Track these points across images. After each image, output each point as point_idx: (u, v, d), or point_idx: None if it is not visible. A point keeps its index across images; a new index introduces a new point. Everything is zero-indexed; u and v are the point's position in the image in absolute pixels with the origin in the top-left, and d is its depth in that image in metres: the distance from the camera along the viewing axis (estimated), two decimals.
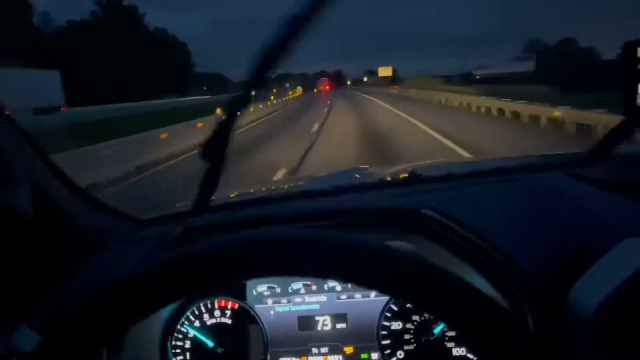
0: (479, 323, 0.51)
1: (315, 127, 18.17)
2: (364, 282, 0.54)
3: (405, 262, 0.53)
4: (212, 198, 0.95)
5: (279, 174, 8.68)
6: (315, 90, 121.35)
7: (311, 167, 9.37)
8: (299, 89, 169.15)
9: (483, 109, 20.96)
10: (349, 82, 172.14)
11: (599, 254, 0.73)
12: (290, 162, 9.75)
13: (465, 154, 10.01)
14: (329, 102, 41.52)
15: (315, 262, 0.54)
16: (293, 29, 0.73)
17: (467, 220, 1.02)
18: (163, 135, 12.88)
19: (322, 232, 0.56)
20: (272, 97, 42.70)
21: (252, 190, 1.87)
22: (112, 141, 10.81)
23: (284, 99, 48.94)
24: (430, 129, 14.99)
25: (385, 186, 1.42)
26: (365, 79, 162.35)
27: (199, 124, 14.96)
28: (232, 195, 1.71)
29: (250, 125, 20.54)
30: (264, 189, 1.77)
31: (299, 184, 2.10)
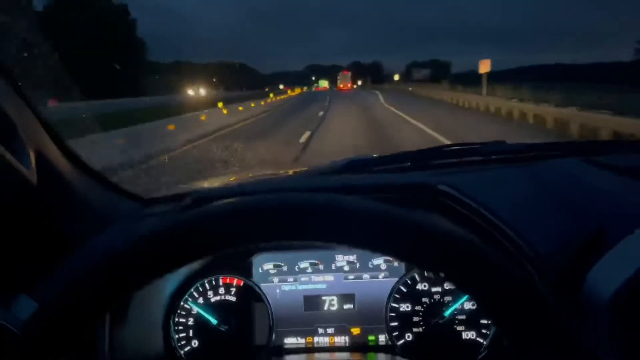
0: (502, 291, 0.49)
1: None
2: (383, 248, 0.52)
3: (431, 230, 0.51)
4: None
5: None
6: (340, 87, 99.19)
7: None
8: (323, 83, 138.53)
9: None
10: (397, 78, 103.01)
11: (616, 239, 0.71)
12: None
13: None
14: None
15: (333, 225, 0.51)
16: None
17: (483, 200, 1.00)
18: None
19: (338, 197, 0.53)
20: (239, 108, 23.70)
21: (262, 173, 1.85)
22: None
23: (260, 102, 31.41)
24: None
25: (397, 170, 1.40)
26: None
27: None
28: (249, 175, 1.69)
29: None
30: (279, 172, 1.75)
31: (311, 167, 2.06)
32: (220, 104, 20.90)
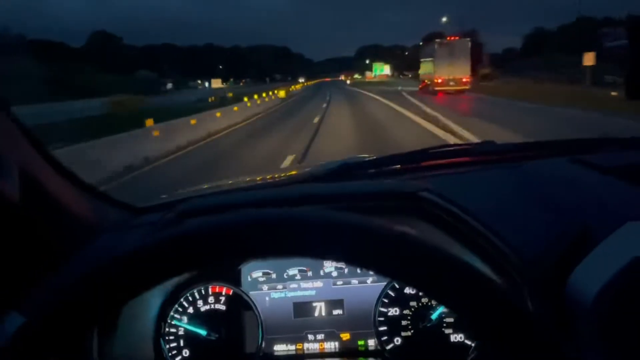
0: (479, 305, 0.50)
1: None
2: (360, 261, 0.53)
3: (406, 244, 0.52)
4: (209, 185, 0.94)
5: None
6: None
7: None
8: (380, 68, 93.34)
9: None
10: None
11: (600, 239, 0.72)
12: None
13: None
14: None
15: (314, 241, 0.53)
16: None
17: (466, 204, 1.01)
18: None
19: (319, 212, 0.54)
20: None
21: (251, 178, 1.87)
22: None
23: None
24: None
25: (387, 173, 1.41)
26: None
27: None
28: (229, 182, 1.71)
29: None
30: (267, 177, 1.78)
31: (298, 171, 2.09)
32: (149, 122, 11.98)
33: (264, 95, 30.75)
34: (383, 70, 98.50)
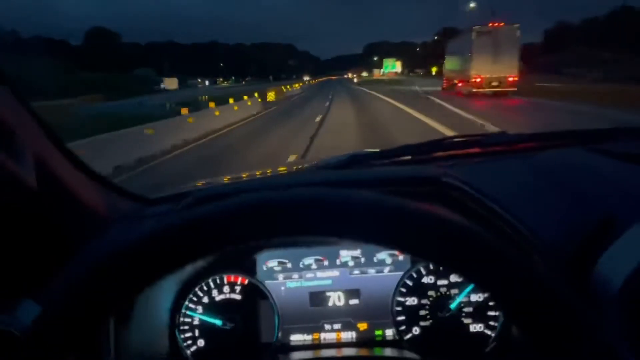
0: (510, 281, 0.49)
1: None
2: (380, 239, 0.52)
3: (432, 221, 0.50)
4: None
5: None
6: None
7: None
8: (391, 65, 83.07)
9: None
10: None
11: (625, 226, 0.71)
12: None
13: None
14: None
15: (332, 219, 0.51)
16: None
17: (488, 192, 1.00)
18: None
19: (343, 191, 0.53)
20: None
21: (262, 171, 1.85)
22: None
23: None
24: None
25: (399, 163, 1.39)
26: None
27: None
28: (244, 175, 1.70)
29: None
30: (278, 169, 1.76)
31: (309, 164, 2.07)
32: None
33: (231, 101, 20.82)
34: (394, 67, 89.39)
